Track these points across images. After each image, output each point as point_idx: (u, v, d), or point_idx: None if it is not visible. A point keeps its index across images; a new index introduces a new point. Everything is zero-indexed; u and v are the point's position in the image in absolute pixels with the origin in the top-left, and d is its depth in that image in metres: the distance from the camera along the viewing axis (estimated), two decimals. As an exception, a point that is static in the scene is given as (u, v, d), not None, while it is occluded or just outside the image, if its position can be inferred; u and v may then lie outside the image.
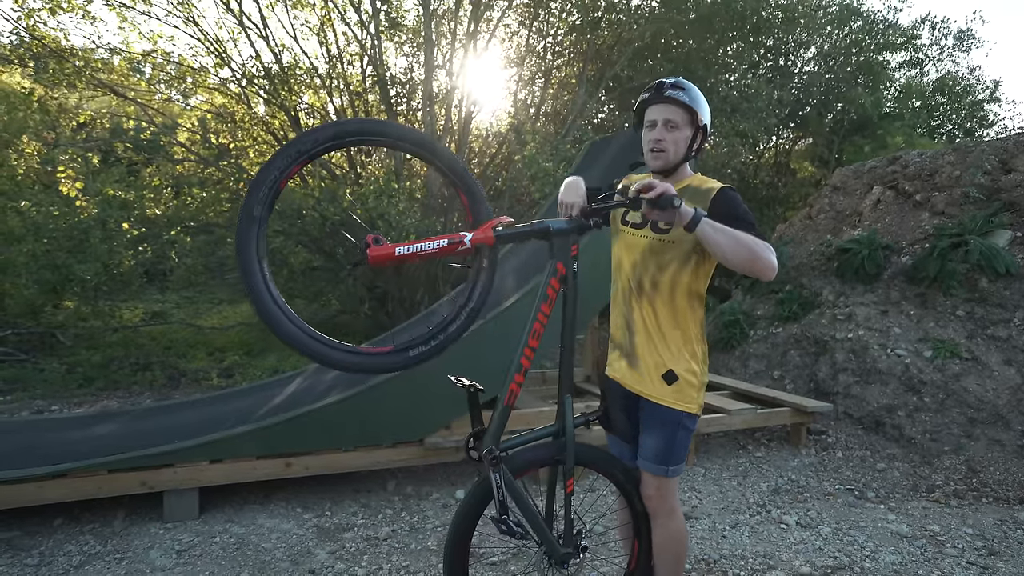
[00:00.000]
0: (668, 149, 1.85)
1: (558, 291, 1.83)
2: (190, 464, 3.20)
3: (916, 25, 13.27)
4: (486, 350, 3.54)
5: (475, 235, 1.70)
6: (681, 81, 1.85)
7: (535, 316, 1.80)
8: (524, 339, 1.80)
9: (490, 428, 1.78)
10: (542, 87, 11.21)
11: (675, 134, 1.84)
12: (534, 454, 1.91)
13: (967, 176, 5.54)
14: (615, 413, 1.99)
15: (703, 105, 1.85)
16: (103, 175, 7.41)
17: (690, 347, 1.92)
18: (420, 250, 1.61)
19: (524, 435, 1.90)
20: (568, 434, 1.86)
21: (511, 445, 1.83)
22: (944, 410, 4.58)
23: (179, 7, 7.78)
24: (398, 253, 1.58)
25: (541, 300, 1.81)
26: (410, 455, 3.65)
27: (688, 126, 1.85)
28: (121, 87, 8.06)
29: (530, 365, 1.82)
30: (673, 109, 1.83)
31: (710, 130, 1.89)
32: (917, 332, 5.08)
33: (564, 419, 1.87)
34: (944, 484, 3.97)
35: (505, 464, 1.75)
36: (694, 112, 1.83)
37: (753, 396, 4.93)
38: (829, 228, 6.67)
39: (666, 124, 1.84)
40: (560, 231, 1.82)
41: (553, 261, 1.82)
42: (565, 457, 1.86)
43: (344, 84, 9.04)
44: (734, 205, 1.79)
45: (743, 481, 4.08)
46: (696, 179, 1.93)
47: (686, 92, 1.83)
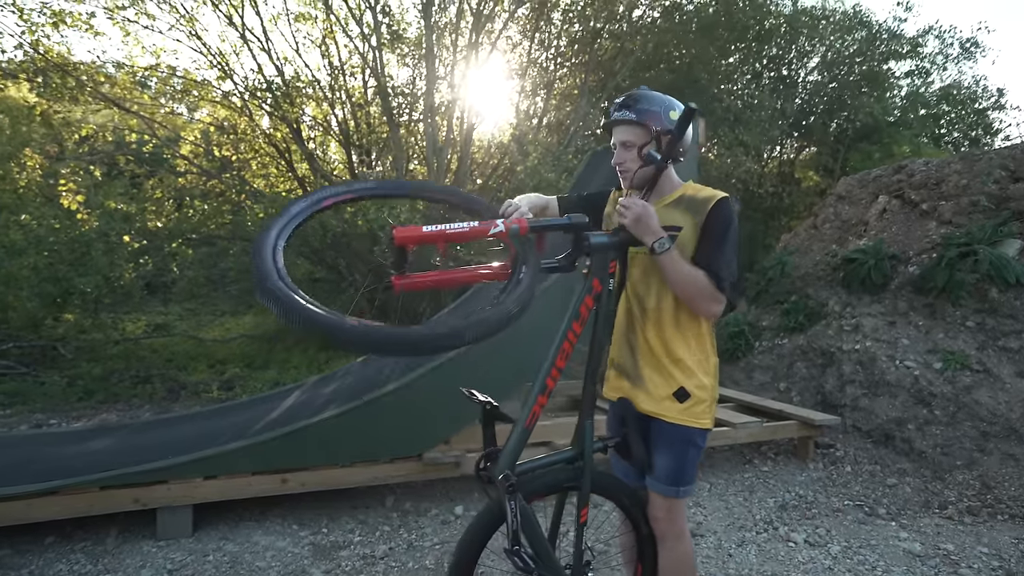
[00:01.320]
0: (631, 168, 1.82)
1: (591, 310, 1.73)
2: (184, 480, 3.13)
3: (922, 34, 13.24)
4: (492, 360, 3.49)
5: (507, 220, 1.63)
6: (632, 96, 1.80)
7: (564, 335, 1.70)
8: (551, 358, 1.69)
9: (506, 450, 1.65)
10: (544, 98, 11.21)
11: (633, 152, 1.80)
12: (548, 480, 1.81)
13: (975, 185, 5.47)
14: (636, 440, 1.86)
15: (659, 112, 1.77)
16: (105, 188, 7.42)
17: (700, 360, 1.85)
18: (448, 229, 1.53)
19: (539, 459, 1.81)
20: (587, 461, 1.77)
21: (526, 469, 1.72)
22: (955, 423, 4.48)
23: (182, 21, 7.83)
24: (425, 230, 1.51)
25: (573, 317, 1.70)
26: (409, 470, 3.58)
27: (645, 139, 1.79)
28: (124, 100, 8.10)
29: (554, 386, 1.71)
30: (624, 129, 1.80)
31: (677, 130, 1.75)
32: (926, 343, 4.99)
33: (583, 444, 1.78)
34: (957, 500, 3.87)
35: (519, 489, 1.65)
36: (646, 125, 1.77)
37: (759, 409, 4.84)
38: (835, 238, 6.60)
39: (623, 145, 1.82)
40: (600, 246, 1.71)
41: (589, 278, 1.72)
42: (581, 484, 1.78)
43: (346, 96, 9.06)
44: (721, 224, 1.75)
45: (749, 496, 3.99)
46: (690, 187, 1.86)
47: (634, 108, 1.77)
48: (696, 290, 1.72)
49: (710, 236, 1.75)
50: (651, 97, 1.79)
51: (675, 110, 1.78)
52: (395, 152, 8.94)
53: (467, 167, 9.45)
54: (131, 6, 7.57)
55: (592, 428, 1.80)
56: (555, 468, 1.81)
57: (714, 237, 1.74)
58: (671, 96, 1.86)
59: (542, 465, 1.78)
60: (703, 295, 1.72)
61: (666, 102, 1.79)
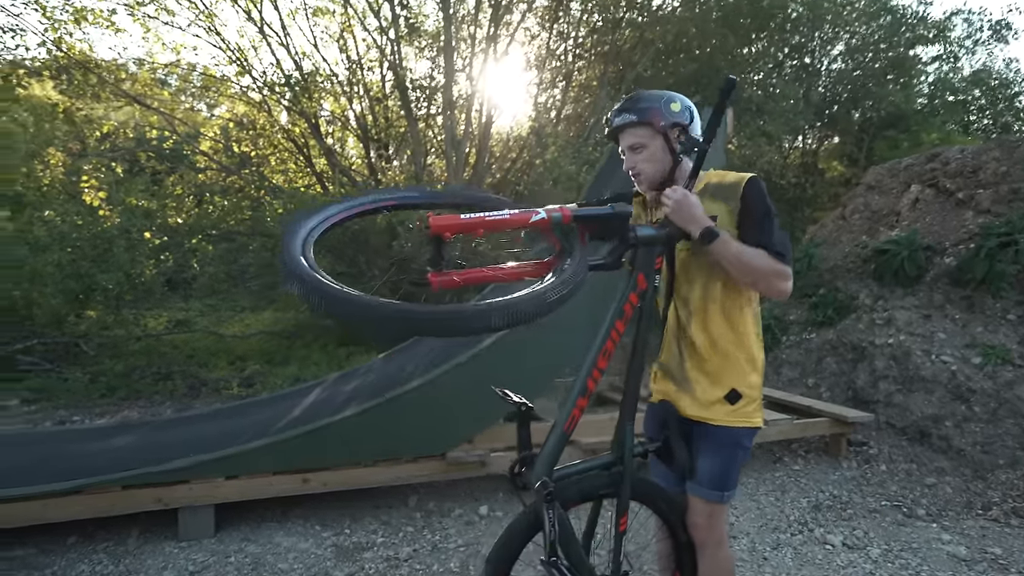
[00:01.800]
0: (644, 171, 1.75)
1: (636, 307, 1.63)
2: (205, 480, 3.10)
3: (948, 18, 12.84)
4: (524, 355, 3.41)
5: (548, 210, 1.52)
6: (628, 98, 1.75)
7: (607, 333, 1.60)
8: (592, 358, 1.59)
9: (543, 455, 1.56)
10: (563, 90, 11.07)
11: (643, 153, 1.73)
12: (585, 486, 1.71)
13: (1015, 172, 5.25)
14: (680, 445, 1.77)
15: (659, 107, 1.70)
16: (127, 184, 7.45)
17: (749, 358, 1.77)
18: (488, 217, 1.44)
19: (578, 464, 1.71)
20: (627, 467, 1.68)
21: (564, 475, 1.63)
22: (996, 420, 4.31)
23: (201, 17, 7.82)
24: (463, 218, 1.41)
25: (616, 316, 1.61)
26: (432, 470, 3.52)
27: (653, 138, 1.71)
28: (145, 97, 8.13)
29: (595, 388, 1.62)
30: (630, 132, 1.73)
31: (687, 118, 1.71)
32: (964, 337, 4.80)
33: (623, 449, 1.68)
34: (1002, 501, 3.71)
35: (556, 496, 1.54)
36: (649, 123, 1.69)
37: (788, 405, 4.70)
38: (864, 229, 6.40)
39: (631, 149, 1.75)
40: (647, 239, 1.61)
41: (635, 273, 1.62)
42: (620, 491, 1.69)
43: (364, 90, 9.01)
44: (761, 201, 1.69)
45: (781, 496, 3.87)
46: (713, 175, 1.78)
47: (633, 109, 1.71)
48: (761, 271, 1.62)
49: (752, 215, 1.67)
50: (648, 95, 1.74)
51: (675, 102, 1.72)
52: (413, 146, 8.88)
53: (485, 161, 9.36)
54: (151, 2, 7.58)
55: (632, 432, 1.70)
56: (592, 474, 1.72)
57: (756, 215, 1.67)
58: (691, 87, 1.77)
59: (579, 471, 1.69)
60: (769, 273, 1.63)
61: (664, 96, 1.73)
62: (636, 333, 1.66)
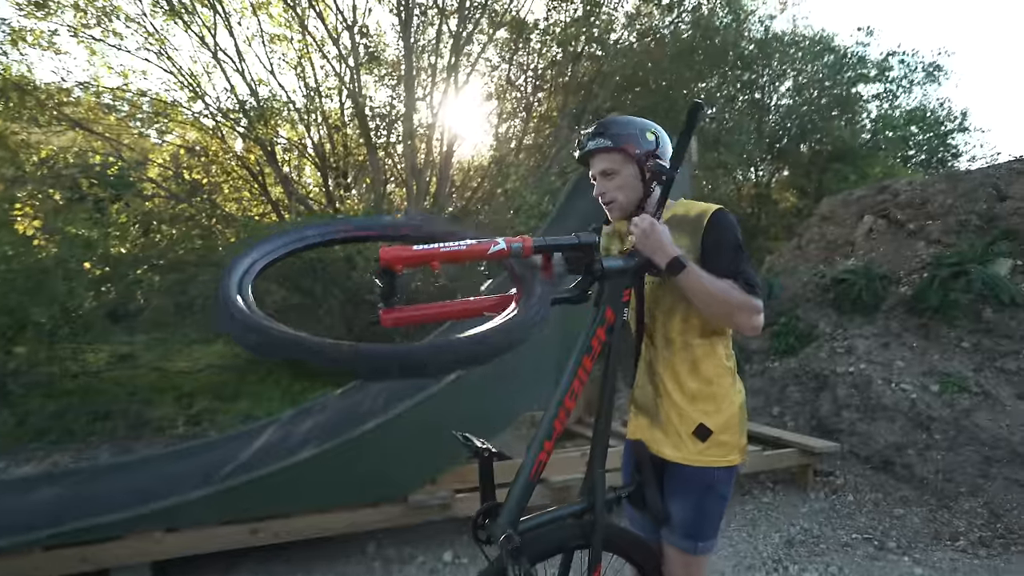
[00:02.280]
0: (616, 198, 1.68)
1: (604, 343, 1.53)
2: (142, 535, 2.82)
3: (886, 58, 13.57)
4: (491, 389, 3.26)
5: (509, 240, 1.40)
6: (602, 123, 1.68)
7: (574, 372, 1.49)
8: (558, 398, 1.48)
9: (507, 506, 1.43)
10: (524, 120, 11.16)
11: (616, 180, 1.66)
12: (556, 537, 1.58)
13: (961, 204, 5.46)
14: (652, 489, 1.66)
15: (635, 133, 1.64)
16: (66, 213, 7.05)
17: (721, 392, 1.66)
18: (442, 248, 1.31)
19: (545, 514, 1.57)
20: (598, 516, 1.55)
21: (531, 527, 1.50)
22: (956, 448, 4.35)
23: (152, 40, 7.58)
24: (416, 249, 1.30)
25: (583, 352, 1.50)
26: (392, 515, 3.30)
27: (626, 165, 1.65)
28: (89, 122, 7.78)
29: (562, 430, 1.50)
30: (602, 158, 1.66)
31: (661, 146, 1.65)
32: (921, 365, 4.89)
33: (594, 496, 1.56)
34: (967, 531, 3.71)
35: (524, 550, 1.42)
36: (623, 149, 1.63)
37: (754, 436, 4.66)
38: (821, 258, 6.54)
39: (603, 175, 1.68)
40: (615, 270, 1.52)
41: (602, 307, 1.53)
42: (592, 542, 1.55)
43: (322, 118, 8.86)
44: (728, 233, 1.60)
45: (753, 531, 3.79)
46: (680, 206, 1.71)
47: (607, 134, 1.64)
48: (730, 304, 1.53)
49: (717, 247, 1.59)
50: (623, 121, 1.68)
51: (651, 130, 1.66)
52: (373, 175, 8.74)
53: (446, 190, 9.28)
54: (97, 25, 7.30)
55: (604, 478, 1.58)
56: (562, 524, 1.58)
57: (722, 246, 1.59)
58: (649, 119, 1.73)
59: (547, 521, 1.55)
60: (739, 307, 1.53)
61: (639, 123, 1.67)
62: (605, 371, 1.56)
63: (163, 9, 7.53)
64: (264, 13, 8.40)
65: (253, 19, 8.36)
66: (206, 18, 7.77)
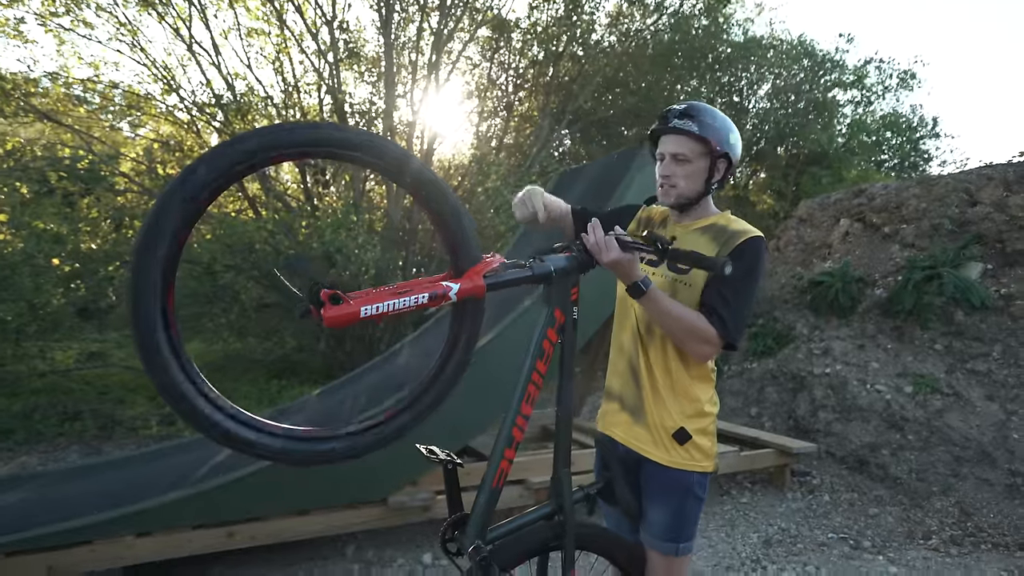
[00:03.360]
0: (678, 184, 1.64)
1: (555, 344, 1.51)
2: (112, 540, 2.74)
3: (863, 65, 13.82)
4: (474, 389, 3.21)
5: (463, 286, 1.34)
6: (693, 107, 1.63)
7: (528, 376, 1.47)
8: (515, 406, 1.46)
9: (473, 518, 1.43)
10: (504, 119, 11.12)
11: (686, 168, 1.63)
12: (527, 542, 1.57)
13: (934, 208, 5.56)
14: (620, 484, 1.67)
15: (722, 131, 1.61)
16: (34, 207, 6.84)
17: (702, 395, 1.68)
18: (393, 308, 1.24)
19: (514, 520, 1.56)
20: (567, 515, 1.54)
21: (500, 534, 1.49)
22: (929, 448, 4.44)
23: (124, 31, 7.39)
24: (363, 314, 1.20)
25: (536, 356, 1.48)
26: (372, 516, 3.26)
27: (702, 157, 1.62)
28: (58, 113, 7.56)
29: (522, 438, 1.49)
30: (681, 140, 1.62)
31: (736, 156, 1.66)
32: (895, 367, 4.97)
33: (562, 497, 1.55)
34: (939, 529, 3.78)
35: (494, 560, 1.42)
36: (707, 141, 1.60)
37: (732, 436, 4.70)
38: (799, 260, 6.62)
39: (674, 158, 1.63)
40: (561, 270, 1.50)
41: (550, 307, 1.50)
42: (564, 543, 1.54)
43: (301, 113, 8.73)
44: (747, 270, 1.58)
45: (732, 532, 3.81)
46: (723, 218, 1.69)
47: (696, 120, 1.60)
48: (683, 330, 1.57)
49: (728, 276, 1.56)
50: (714, 113, 1.64)
51: (734, 133, 1.64)
52: (351, 172, 8.63)
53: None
54: (67, 13, 7.09)
55: (570, 477, 1.57)
56: (534, 528, 1.58)
57: (731, 278, 1.54)
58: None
59: (517, 526, 1.55)
60: (691, 336, 1.56)
61: (728, 122, 1.64)
62: (560, 372, 1.55)
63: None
64: (241, 6, 8.25)
65: (230, 12, 8.21)
66: (181, 9, 7.61)
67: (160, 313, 1.06)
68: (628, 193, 3.69)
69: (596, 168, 5.02)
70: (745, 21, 13.07)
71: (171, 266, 1.07)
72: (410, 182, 1.30)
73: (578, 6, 9.50)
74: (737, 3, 11.95)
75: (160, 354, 1.07)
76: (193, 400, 1.13)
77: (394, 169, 1.28)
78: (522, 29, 9.83)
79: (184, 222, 1.07)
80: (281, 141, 1.13)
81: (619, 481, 1.67)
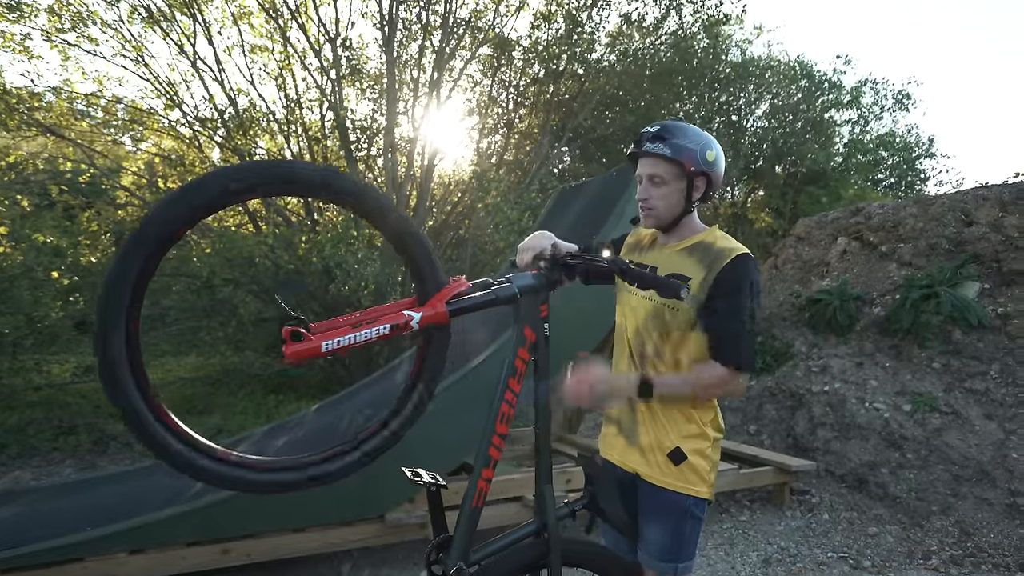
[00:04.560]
0: (656, 206, 1.65)
1: (528, 362, 1.52)
2: (105, 557, 2.71)
3: (859, 86, 13.97)
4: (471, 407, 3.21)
5: (424, 314, 1.34)
6: (667, 128, 1.63)
7: (501, 396, 1.47)
8: (490, 425, 1.47)
9: (456, 540, 1.43)
10: (505, 136, 11.20)
11: (662, 189, 1.62)
12: (514, 561, 1.57)
13: (931, 228, 5.59)
14: (607, 499, 1.65)
15: (697, 149, 1.60)
16: (34, 219, 6.86)
17: (700, 420, 1.67)
18: (354, 341, 1.25)
19: (498, 540, 1.56)
20: (551, 531, 1.54)
21: (485, 555, 1.49)
22: (928, 467, 4.42)
23: (128, 47, 7.46)
24: (325, 349, 1.22)
25: (508, 375, 1.48)
26: (368, 534, 3.24)
27: (677, 179, 1.62)
28: (61, 128, 7.61)
29: (500, 457, 1.49)
30: (656, 163, 1.62)
31: (716, 171, 1.65)
32: (894, 385, 4.97)
33: (545, 513, 1.55)
34: (939, 549, 3.75)
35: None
36: (680, 163, 1.60)
37: (732, 454, 4.69)
38: (796, 278, 6.64)
39: (651, 180, 1.64)
40: (526, 288, 1.50)
41: (519, 326, 1.50)
42: (551, 560, 1.54)
43: (303, 129, 8.79)
44: (737, 288, 1.57)
45: (731, 550, 3.79)
46: (709, 235, 1.68)
47: (668, 142, 1.60)
48: (700, 391, 1.62)
49: (725, 298, 1.56)
50: (688, 131, 1.63)
51: (711, 150, 1.62)
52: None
53: (427, 204, 9.25)
54: (72, 29, 7.17)
55: (552, 493, 1.58)
56: (519, 546, 1.58)
57: (724, 303, 1.56)
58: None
59: (504, 545, 1.56)
60: (708, 390, 1.61)
61: (703, 140, 1.63)
62: (536, 391, 1.55)
63: (141, 16, 7.43)
64: (245, 23, 8.35)
65: (234, 29, 8.30)
66: (185, 26, 7.69)
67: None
68: (628, 208, 3.71)
69: (595, 185, 5.06)
70: (744, 42, 13.26)
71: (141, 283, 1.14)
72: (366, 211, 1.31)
73: (578, 25, 9.62)
74: (736, 24, 12.11)
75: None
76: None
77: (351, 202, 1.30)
78: (523, 48, 9.94)
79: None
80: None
81: (607, 496, 1.65)
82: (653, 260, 1.72)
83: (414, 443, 3.14)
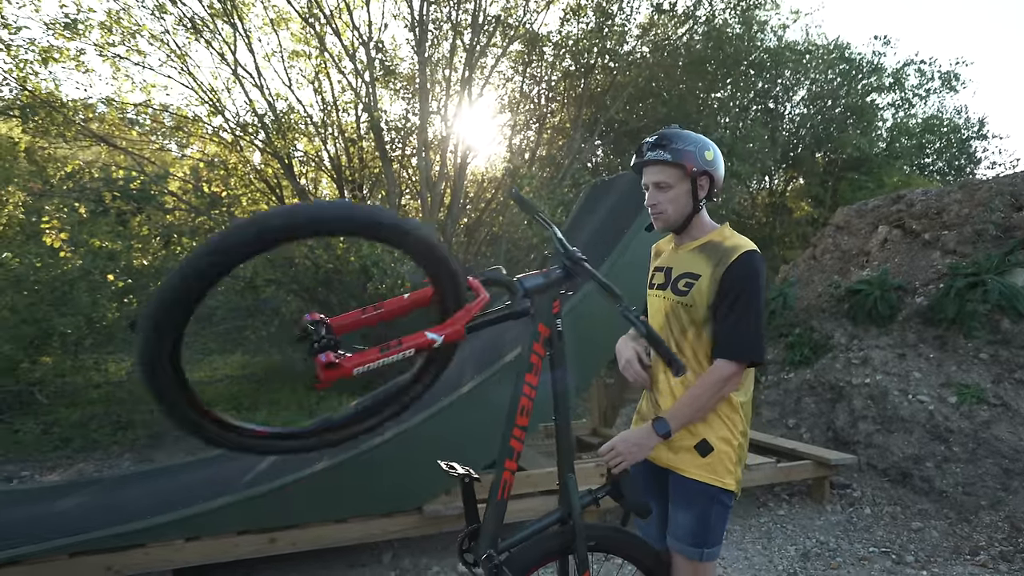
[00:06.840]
0: (666, 210, 1.75)
1: (543, 357, 1.60)
2: (163, 543, 2.88)
3: (902, 67, 13.45)
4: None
5: (448, 334, 1.40)
6: (664, 135, 1.72)
7: (520, 390, 1.57)
8: (511, 419, 1.56)
9: (484, 530, 1.52)
10: (537, 131, 11.21)
11: (669, 193, 1.73)
12: (541, 548, 1.65)
13: (977, 214, 5.41)
14: (630, 488, 1.71)
15: (696, 151, 1.70)
16: (90, 225, 7.22)
17: (725, 413, 1.71)
18: (382, 365, 1.36)
19: (526, 528, 1.63)
20: (576, 518, 1.61)
21: (512, 542, 1.57)
22: (976, 460, 4.30)
23: (174, 57, 7.76)
24: (356, 374, 1.33)
25: (525, 370, 1.57)
26: (408, 525, 3.34)
27: (682, 181, 1.72)
28: (112, 136, 7.97)
29: (523, 448, 1.59)
30: (659, 169, 1.72)
31: (717, 170, 1.74)
32: (939, 376, 4.84)
33: (569, 501, 1.62)
34: (988, 545, 3.66)
35: (508, 567, 1.49)
36: (682, 165, 1.69)
37: (769, 447, 4.65)
38: (836, 268, 6.50)
39: (657, 186, 1.74)
40: (536, 288, 1.58)
41: (534, 323, 1.58)
42: (576, 547, 1.61)
43: (339, 131, 8.99)
44: (743, 283, 1.66)
45: (768, 544, 3.77)
46: (718, 234, 1.78)
47: (667, 148, 1.69)
48: (714, 397, 1.67)
49: (732, 295, 1.66)
50: (685, 136, 1.73)
51: (709, 150, 1.73)
52: (388, 187, 8.83)
53: (460, 202, 9.36)
54: (122, 43, 7.49)
55: (575, 482, 1.65)
56: (545, 534, 1.65)
57: (730, 298, 1.66)
58: (696, 132, 1.80)
59: (530, 533, 1.63)
60: (721, 390, 1.67)
61: (700, 142, 1.73)
62: (553, 385, 1.63)
63: (186, 27, 7.72)
64: (284, 29, 8.58)
65: (272, 36, 8.55)
66: (227, 35, 7.95)
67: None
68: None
69: (626, 181, 5.05)
70: (780, 27, 12.91)
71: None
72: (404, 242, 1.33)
73: (609, 18, 9.56)
74: (772, 9, 11.82)
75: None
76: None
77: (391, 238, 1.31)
78: (553, 43, 9.93)
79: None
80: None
81: (628, 481, 1.71)
82: (670, 261, 1.82)
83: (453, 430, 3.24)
